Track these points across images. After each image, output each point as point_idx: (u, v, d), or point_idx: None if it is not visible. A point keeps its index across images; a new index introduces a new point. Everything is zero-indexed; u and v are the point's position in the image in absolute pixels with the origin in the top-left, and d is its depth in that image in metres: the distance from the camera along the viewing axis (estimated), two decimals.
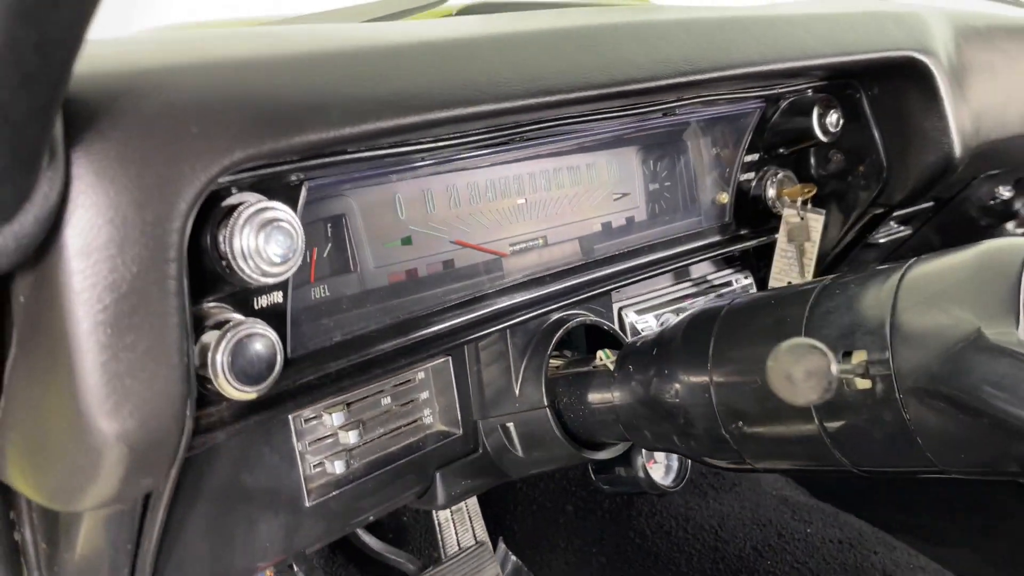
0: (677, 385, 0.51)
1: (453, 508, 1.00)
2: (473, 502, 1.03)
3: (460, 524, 1.01)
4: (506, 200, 0.63)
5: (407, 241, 0.57)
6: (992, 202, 1.20)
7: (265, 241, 0.37)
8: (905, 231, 1.01)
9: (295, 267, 0.39)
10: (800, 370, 0.36)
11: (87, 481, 0.31)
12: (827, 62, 0.62)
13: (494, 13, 0.69)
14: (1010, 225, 1.44)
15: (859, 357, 0.41)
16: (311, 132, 0.35)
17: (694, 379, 0.50)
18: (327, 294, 0.51)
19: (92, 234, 0.28)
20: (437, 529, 0.99)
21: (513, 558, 1.06)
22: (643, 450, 0.72)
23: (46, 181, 0.26)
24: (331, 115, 0.35)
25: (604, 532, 1.05)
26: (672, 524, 1.04)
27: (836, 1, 0.84)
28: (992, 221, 1.35)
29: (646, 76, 0.49)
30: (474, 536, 0.99)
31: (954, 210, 1.10)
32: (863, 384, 0.41)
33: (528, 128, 0.54)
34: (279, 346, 0.41)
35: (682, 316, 0.56)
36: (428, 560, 0.95)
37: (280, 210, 0.38)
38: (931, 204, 0.99)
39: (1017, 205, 1.27)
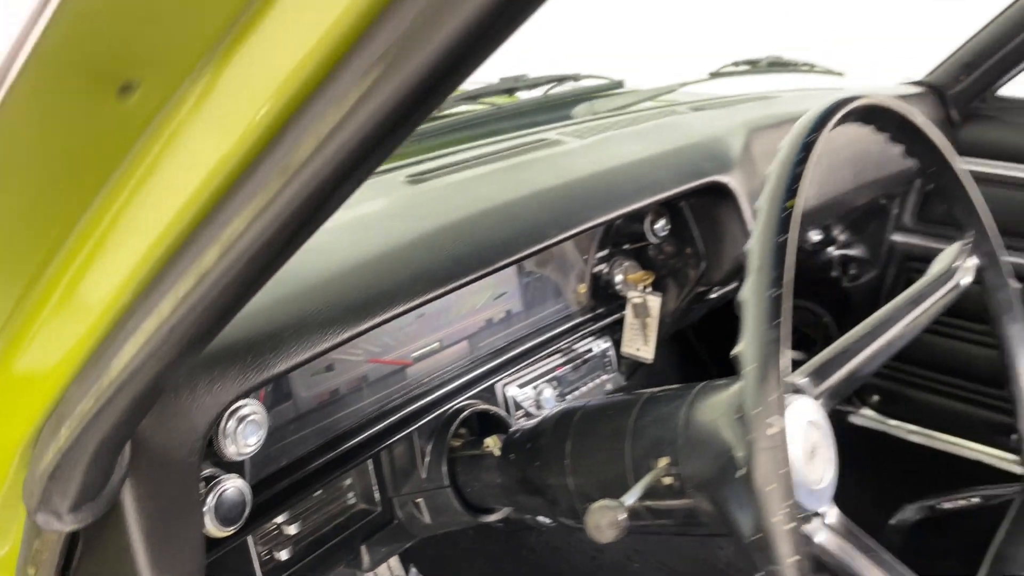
0: (545, 473, 0.68)
1: None
2: None
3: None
4: (409, 316, 0.78)
5: (330, 368, 0.71)
6: (803, 245, 1.45)
7: (243, 432, 0.51)
8: (735, 285, 1.23)
9: (262, 442, 0.54)
10: (604, 521, 0.52)
11: None
12: (651, 201, 0.81)
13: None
14: (831, 249, 1.72)
15: (663, 462, 0.60)
16: (280, 364, 0.48)
17: (557, 470, 0.67)
18: (272, 424, 0.65)
19: (142, 490, 0.41)
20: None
21: None
22: None
23: (117, 470, 0.39)
24: (293, 348, 0.50)
25: (501, 552, 1.23)
26: (558, 540, 1.23)
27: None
28: (806, 256, 1.62)
29: (515, 252, 0.66)
30: (389, 571, 1.14)
31: None
32: (667, 481, 0.59)
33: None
34: (248, 491, 0.55)
35: (551, 413, 0.73)
36: None
37: (255, 410, 0.52)
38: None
39: (820, 243, 1.53)
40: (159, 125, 0.26)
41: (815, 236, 1.42)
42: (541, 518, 0.93)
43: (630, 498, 0.54)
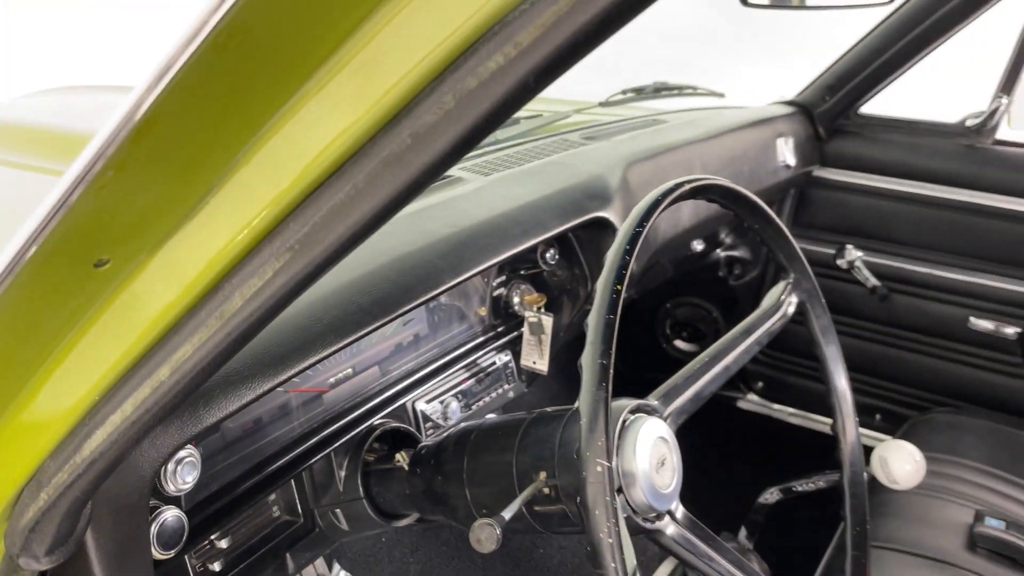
0: (447, 485, 0.80)
1: None
2: None
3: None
4: None
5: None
6: (689, 254, 1.60)
7: (181, 473, 0.60)
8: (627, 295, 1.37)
9: (197, 479, 0.63)
10: (483, 535, 0.64)
11: None
12: (536, 241, 0.93)
13: None
14: (718, 252, 1.88)
15: (543, 475, 0.72)
16: (212, 417, 0.58)
17: (456, 482, 0.78)
18: (203, 454, 0.74)
19: (102, 532, 0.50)
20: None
21: (347, 573, 1.32)
22: None
23: (82, 519, 0.47)
24: (222, 402, 0.59)
25: (417, 545, 1.34)
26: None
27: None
28: (696, 259, 1.78)
29: (415, 299, 0.77)
30: (314, 569, 1.24)
31: (656, 264, 1.48)
32: (546, 491, 0.71)
33: None
34: (184, 519, 0.64)
35: (453, 431, 0.84)
36: None
37: (190, 453, 0.61)
38: (639, 275, 1.35)
39: (706, 248, 1.69)
40: (121, 284, 0.35)
41: (698, 246, 1.57)
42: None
43: (508, 513, 0.65)
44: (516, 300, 1.09)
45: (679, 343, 2.02)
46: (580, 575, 1.32)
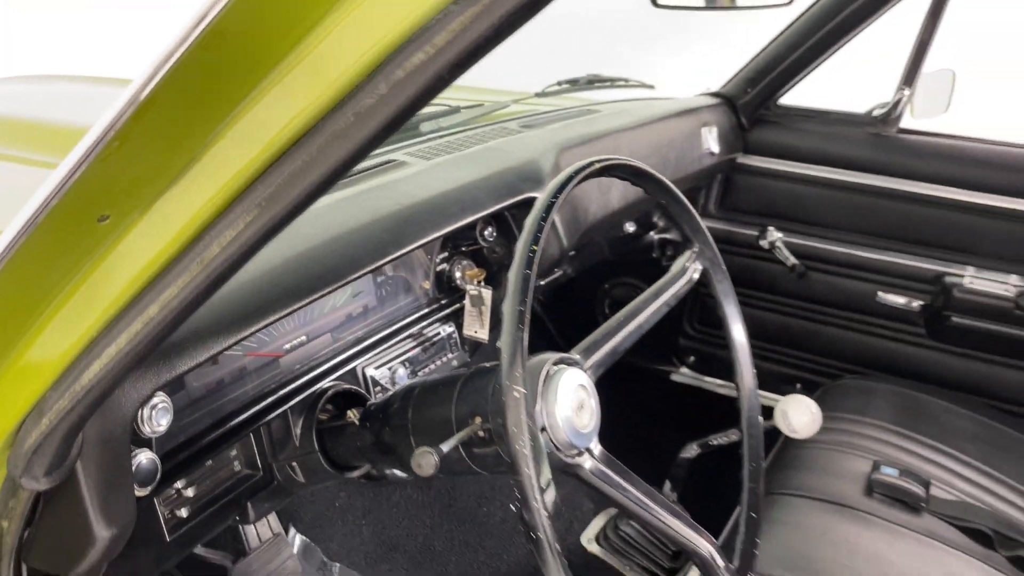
0: (394, 436, 0.89)
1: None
2: None
3: (259, 523, 1.33)
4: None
5: (215, 362, 0.88)
6: (622, 234, 1.71)
7: (156, 417, 0.68)
8: (560, 272, 1.47)
9: (170, 423, 0.71)
10: (423, 461, 0.74)
11: (82, 557, 0.61)
12: (474, 218, 1.02)
13: None
14: (651, 234, 2.00)
15: (478, 420, 0.81)
16: (183, 365, 0.65)
17: (402, 432, 0.88)
18: (173, 406, 0.81)
19: (91, 461, 0.58)
20: (240, 529, 1.31)
21: (303, 538, 1.40)
22: None
23: (75, 447, 0.55)
24: (193, 353, 0.66)
25: (368, 508, 1.43)
26: (417, 494, 1.45)
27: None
28: (630, 240, 1.89)
29: (361, 268, 0.85)
30: (270, 529, 1.32)
31: (592, 244, 1.59)
32: (481, 434, 0.81)
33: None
34: (157, 460, 0.72)
35: (397, 388, 0.93)
36: (237, 554, 1.27)
37: (163, 399, 0.69)
38: (574, 252, 1.45)
39: (639, 230, 1.80)
40: (119, 236, 0.44)
41: (630, 227, 1.68)
42: (397, 472, 1.14)
43: (446, 446, 0.75)
44: (458, 275, 1.18)
45: None
46: (520, 530, 1.42)
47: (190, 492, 0.87)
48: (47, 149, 1.13)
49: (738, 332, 0.98)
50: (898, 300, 1.76)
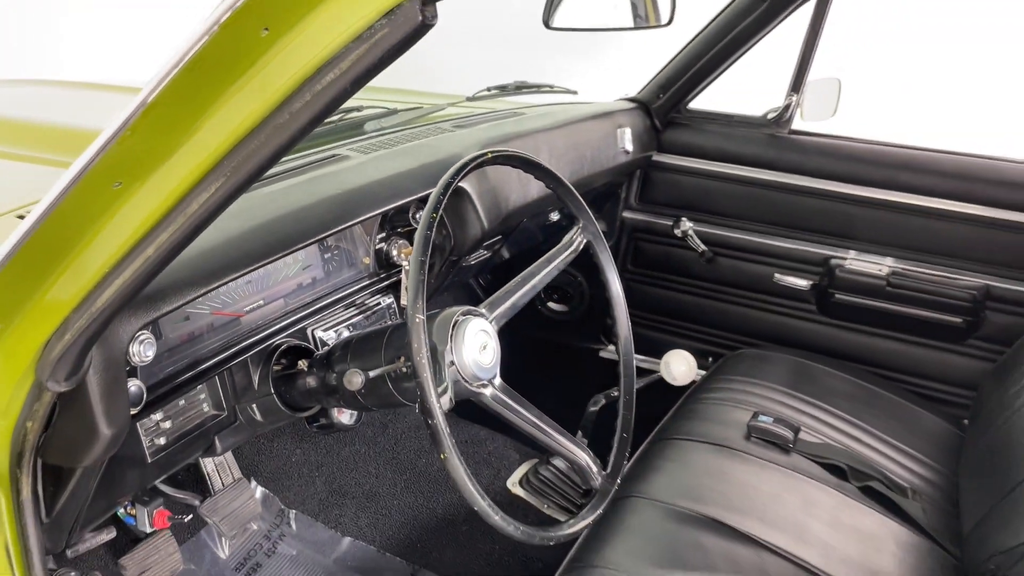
0: (336, 378, 1.08)
1: (216, 460, 1.50)
2: (229, 456, 1.53)
3: (222, 470, 1.52)
4: (242, 282, 1.15)
5: (187, 318, 1.07)
6: (549, 222, 1.93)
7: (143, 349, 0.87)
8: (487, 254, 1.68)
9: (152, 357, 0.90)
10: (354, 379, 0.94)
11: (88, 451, 0.79)
12: (405, 201, 1.22)
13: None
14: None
15: (402, 359, 1.02)
16: (165, 307, 0.84)
17: (344, 376, 1.07)
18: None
19: (97, 374, 0.77)
20: (206, 476, 1.49)
21: (263, 489, 1.59)
22: None
23: (87, 361, 0.73)
24: (173, 298, 0.85)
25: (321, 461, 1.62)
26: (364, 448, 1.64)
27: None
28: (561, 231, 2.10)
29: (308, 238, 1.05)
30: (232, 476, 1.50)
31: (524, 230, 1.80)
32: (405, 370, 1.01)
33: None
34: (143, 387, 0.91)
35: (338, 340, 1.13)
36: (203, 494, 1.45)
37: (148, 336, 0.88)
38: (499, 237, 1.66)
39: (562, 219, 2.01)
40: (127, 198, 0.63)
41: (554, 216, 1.89)
42: (344, 420, 1.34)
43: (373, 373, 0.95)
44: (395, 252, 1.38)
45: (552, 304, 2.35)
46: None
47: (167, 424, 1.05)
48: (40, 148, 1.31)
49: (616, 290, 1.20)
50: (792, 281, 2.01)
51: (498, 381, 1.04)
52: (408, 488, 1.62)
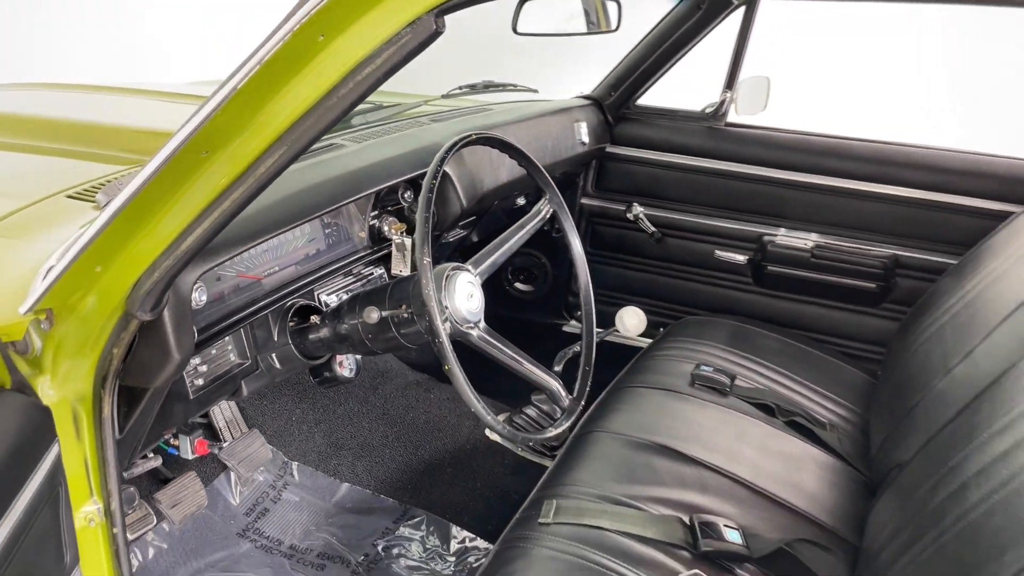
0: (347, 328, 1.29)
1: (227, 417, 1.69)
2: (238, 414, 1.73)
3: (232, 427, 1.71)
4: (261, 250, 1.35)
5: (219, 279, 1.26)
6: (515, 207, 2.15)
7: (199, 293, 1.07)
8: (463, 233, 1.90)
9: (205, 300, 1.10)
10: (374, 315, 1.15)
11: (161, 373, 0.99)
12: (395, 182, 1.44)
13: None
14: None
15: (403, 307, 1.23)
16: (215, 261, 1.04)
17: (352, 324, 1.28)
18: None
19: (171, 310, 0.96)
20: (219, 431, 1.68)
21: (267, 445, 1.78)
22: (336, 358, 1.49)
23: (164, 298, 0.93)
24: (221, 255, 1.05)
25: (319, 419, 1.82)
26: (357, 406, 1.85)
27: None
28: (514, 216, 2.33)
29: (315, 212, 1.26)
30: (241, 431, 1.70)
31: (494, 214, 2.02)
32: (406, 315, 1.23)
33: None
34: (195, 330, 1.11)
35: (345, 299, 1.34)
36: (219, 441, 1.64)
37: (202, 286, 1.08)
38: (473, 218, 1.89)
39: (527, 205, 2.24)
40: (211, 163, 0.83)
41: (521, 200, 2.12)
42: (344, 373, 1.54)
43: (375, 315, 1.17)
44: (386, 228, 1.59)
45: (518, 284, 2.58)
46: (439, 428, 1.84)
47: (203, 368, 1.25)
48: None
49: (577, 248, 1.44)
50: (730, 256, 2.26)
51: (483, 324, 1.26)
52: (398, 439, 1.82)
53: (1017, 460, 0.99)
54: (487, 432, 1.87)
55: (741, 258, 2.25)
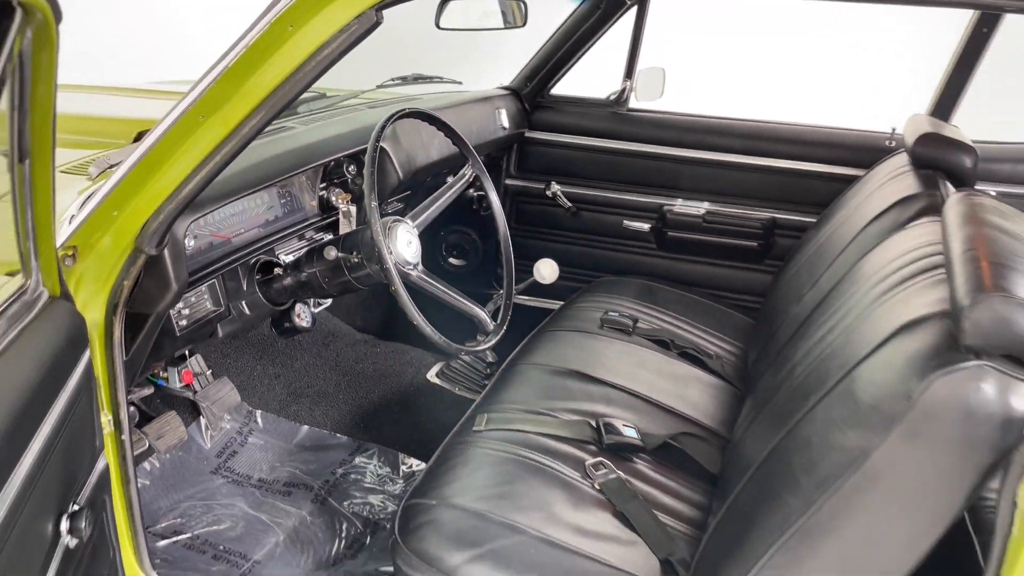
0: (304, 275, 1.55)
1: (196, 369, 1.92)
2: (206, 367, 1.95)
3: (202, 379, 1.93)
4: (228, 213, 1.59)
5: (196, 236, 1.50)
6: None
7: (190, 239, 1.32)
8: (400, 207, 2.17)
9: (193, 246, 1.34)
10: (329, 253, 1.42)
11: (162, 299, 1.23)
12: (338, 156, 1.70)
13: None
14: (471, 191, 2.72)
15: (354, 253, 1.50)
16: (202, 211, 1.29)
17: (310, 271, 1.54)
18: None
19: (171, 248, 1.21)
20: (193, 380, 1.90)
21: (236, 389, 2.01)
22: (295, 311, 1.74)
23: (166, 240, 1.18)
24: (207, 208, 1.30)
25: (279, 372, 2.06)
26: (312, 360, 2.10)
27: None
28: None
29: (271, 179, 1.52)
30: (207, 379, 1.93)
31: (426, 191, 2.29)
32: (356, 260, 1.49)
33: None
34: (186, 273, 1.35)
35: (304, 252, 1.59)
36: (194, 392, 1.87)
37: (193, 231, 1.32)
38: (408, 192, 2.16)
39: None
40: (207, 126, 1.08)
41: (450, 179, 2.39)
42: (303, 324, 1.80)
43: (331, 255, 1.43)
44: (333, 198, 1.85)
45: (452, 260, 2.86)
46: (385, 376, 2.10)
47: (186, 311, 1.49)
48: None
49: (495, 202, 1.73)
50: (636, 225, 2.59)
51: (420, 267, 1.54)
52: (349, 386, 2.08)
53: (830, 340, 1.32)
54: (428, 376, 2.14)
55: (645, 226, 2.58)
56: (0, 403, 0.79)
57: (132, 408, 1.37)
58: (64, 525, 0.92)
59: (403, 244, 1.49)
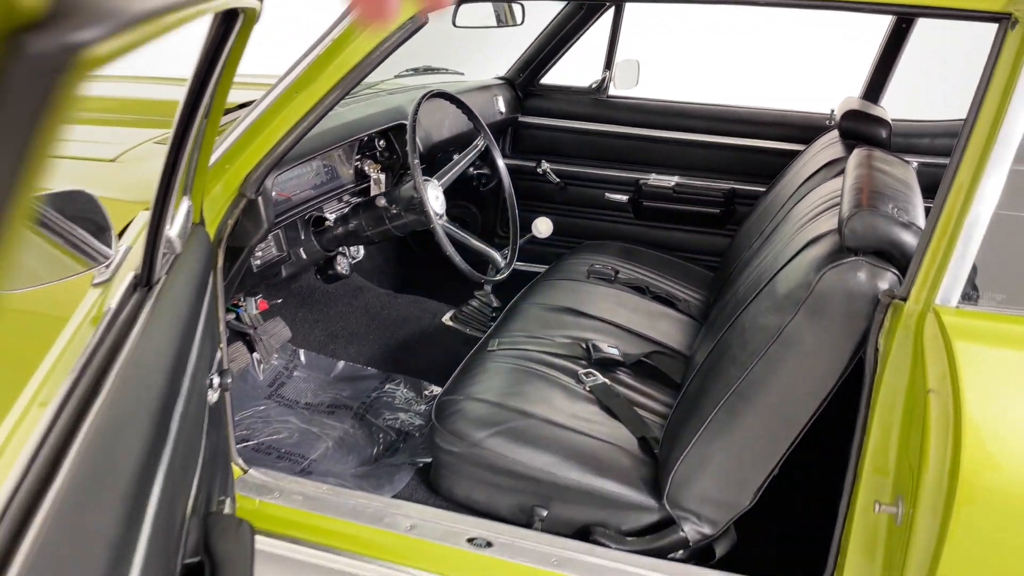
0: (352, 225, 1.94)
1: (251, 314, 2.29)
2: (258, 316, 2.33)
3: (255, 320, 2.31)
4: (292, 176, 1.96)
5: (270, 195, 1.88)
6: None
7: (270, 193, 1.70)
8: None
9: (273, 196, 1.72)
10: (381, 201, 1.81)
11: (255, 235, 1.61)
12: (370, 132, 2.08)
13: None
14: (471, 169, 3.11)
15: (394, 204, 1.88)
16: (282, 168, 1.66)
17: (357, 222, 1.92)
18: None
19: (263, 197, 1.59)
20: (247, 317, 2.27)
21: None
22: (336, 259, 2.13)
23: (262, 186, 1.55)
24: (285, 166, 1.68)
25: (317, 318, 2.44)
26: (346, 308, 2.48)
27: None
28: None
29: (321, 151, 1.90)
30: (262, 320, 2.30)
31: (439, 164, 2.68)
32: (395, 210, 1.88)
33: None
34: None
35: (348, 209, 1.98)
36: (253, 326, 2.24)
37: (274, 187, 1.70)
38: (424, 166, 2.54)
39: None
40: (297, 98, 1.46)
41: (455, 156, 2.78)
42: (343, 271, 2.18)
43: (382, 201, 1.82)
44: (366, 168, 2.23)
45: None
46: (407, 319, 2.49)
47: (259, 253, 1.87)
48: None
49: (502, 166, 2.12)
50: (616, 197, 2.99)
51: (445, 217, 1.92)
52: (379, 328, 2.46)
53: (764, 263, 1.73)
54: (443, 319, 2.52)
55: (624, 198, 2.98)
56: (184, 292, 1.16)
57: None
58: (216, 380, 1.30)
59: (432, 198, 1.88)
